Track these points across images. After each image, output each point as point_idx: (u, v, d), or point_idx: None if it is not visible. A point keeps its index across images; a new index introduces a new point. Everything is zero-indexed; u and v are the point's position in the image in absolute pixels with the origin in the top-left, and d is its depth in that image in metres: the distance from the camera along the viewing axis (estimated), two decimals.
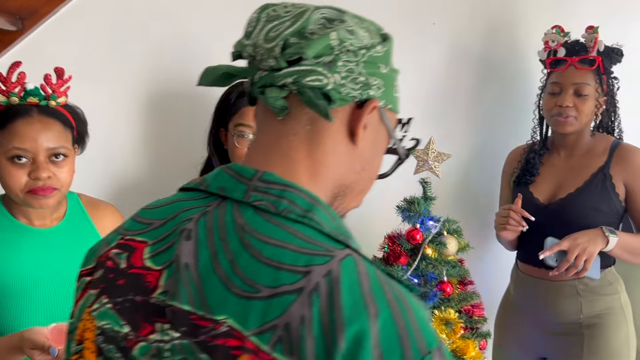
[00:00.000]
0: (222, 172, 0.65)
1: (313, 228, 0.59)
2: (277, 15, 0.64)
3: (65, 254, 1.27)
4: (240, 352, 0.53)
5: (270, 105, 0.63)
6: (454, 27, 2.03)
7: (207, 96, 1.76)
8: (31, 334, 1.05)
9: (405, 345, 0.52)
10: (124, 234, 0.67)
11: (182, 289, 0.58)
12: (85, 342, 0.64)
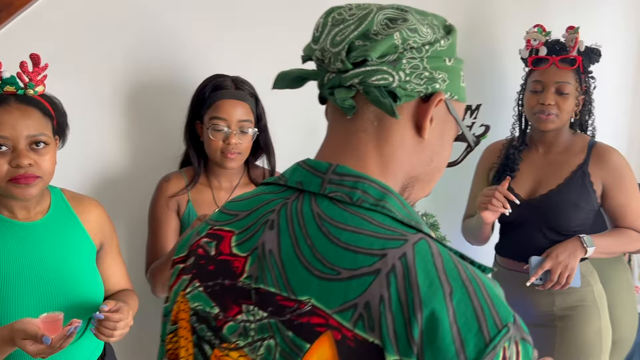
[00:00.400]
0: (298, 167, 0.69)
1: (386, 215, 0.63)
2: (342, 18, 0.67)
3: (51, 247, 1.25)
4: (324, 329, 0.58)
5: (339, 105, 0.66)
6: None
7: (185, 90, 1.74)
8: (22, 324, 1.04)
9: (482, 321, 0.55)
10: (212, 225, 0.72)
11: (267, 273, 0.63)
12: (179, 322, 0.71)
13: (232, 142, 1.51)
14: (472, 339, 0.55)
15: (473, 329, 0.55)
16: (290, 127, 1.81)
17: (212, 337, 0.66)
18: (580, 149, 1.76)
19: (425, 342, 0.55)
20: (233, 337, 0.64)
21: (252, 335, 0.63)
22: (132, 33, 1.66)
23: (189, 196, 1.59)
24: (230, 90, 1.54)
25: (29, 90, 1.20)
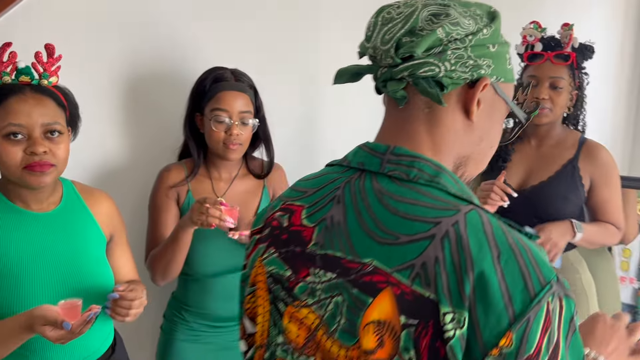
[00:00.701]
0: (359, 150, 0.78)
1: (440, 190, 0.70)
2: (390, 17, 0.74)
3: (64, 238, 1.25)
4: (385, 285, 0.66)
5: (391, 96, 0.74)
6: None
7: (183, 82, 1.75)
8: (41, 310, 1.05)
9: (527, 279, 0.62)
10: (285, 200, 0.83)
11: (334, 240, 0.73)
12: (257, 284, 0.81)
13: (234, 133, 1.53)
14: (519, 294, 0.61)
15: (519, 286, 0.62)
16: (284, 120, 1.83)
17: (285, 296, 0.76)
18: (572, 144, 1.81)
19: (477, 298, 0.62)
20: (303, 296, 0.74)
21: (318, 294, 0.72)
22: (130, 24, 1.66)
23: (189, 186, 1.61)
24: (230, 82, 1.55)
25: (44, 80, 1.20)
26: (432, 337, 0.63)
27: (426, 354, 0.63)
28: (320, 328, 0.72)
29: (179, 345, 1.62)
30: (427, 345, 0.63)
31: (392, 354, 0.65)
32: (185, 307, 1.64)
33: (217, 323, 1.63)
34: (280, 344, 0.77)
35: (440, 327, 0.62)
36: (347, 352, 0.69)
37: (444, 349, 0.62)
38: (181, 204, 1.61)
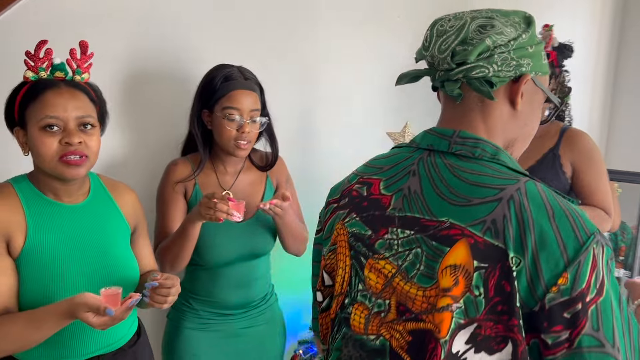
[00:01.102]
0: (427, 134, 0.95)
1: (501, 164, 0.87)
2: (444, 30, 0.90)
3: (94, 228, 1.29)
4: (460, 237, 0.82)
5: (449, 95, 0.90)
6: (416, 19, 2.18)
7: (185, 77, 1.80)
8: (83, 298, 1.09)
9: (576, 230, 0.79)
10: (361, 175, 1.00)
11: (412, 205, 0.89)
12: (338, 243, 0.97)
13: (245, 131, 1.58)
14: (571, 244, 0.79)
15: (571, 237, 0.79)
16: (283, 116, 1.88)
17: (366, 251, 0.92)
18: (554, 133, 1.90)
19: (539, 248, 0.79)
20: (382, 250, 0.90)
21: (395, 248, 0.89)
22: (132, 22, 1.70)
23: (195, 180, 1.65)
24: (240, 80, 1.59)
25: (77, 76, 1.25)
26: (499, 277, 0.79)
27: (493, 290, 0.80)
28: (397, 276, 0.88)
29: (187, 333, 1.67)
30: (494, 284, 0.80)
31: (465, 291, 0.81)
32: (193, 295, 1.68)
33: (226, 311, 1.68)
34: (361, 290, 0.92)
35: (508, 268, 0.79)
36: (424, 292, 0.84)
37: (509, 286, 0.79)
38: (189, 198, 1.65)
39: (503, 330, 0.81)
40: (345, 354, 0.95)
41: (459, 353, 0.82)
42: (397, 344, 0.88)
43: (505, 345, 0.81)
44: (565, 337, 0.78)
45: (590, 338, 0.78)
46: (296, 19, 1.99)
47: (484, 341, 0.82)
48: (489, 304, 0.80)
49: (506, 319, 0.80)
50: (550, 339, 0.79)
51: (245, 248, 1.65)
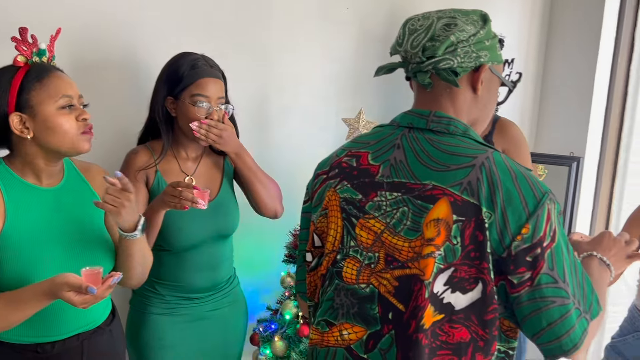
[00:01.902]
0: (406, 115, 1.10)
1: (471, 139, 1.04)
2: (414, 28, 1.05)
3: (72, 209, 1.31)
4: (442, 196, 0.98)
5: (421, 83, 1.06)
6: (363, 11, 2.28)
7: (140, 65, 1.81)
8: (65, 277, 1.11)
9: (534, 190, 0.97)
10: (349, 149, 1.13)
11: (399, 172, 1.03)
12: (330, 207, 1.10)
13: (214, 118, 1.60)
14: (531, 200, 0.96)
15: (530, 195, 0.96)
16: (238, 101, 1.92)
17: (357, 212, 1.06)
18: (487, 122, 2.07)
19: (506, 204, 0.95)
20: (372, 211, 1.04)
21: (384, 208, 1.03)
22: (84, 8, 1.68)
23: (157, 167, 1.66)
24: (207, 68, 1.61)
25: (54, 61, 1.28)
26: (473, 229, 0.95)
27: (468, 239, 0.96)
28: (385, 231, 1.02)
29: (153, 318, 1.68)
30: (470, 234, 0.96)
31: (445, 240, 0.96)
32: (158, 281, 1.69)
33: (193, 294, 1.71)
34: (352, 246, 1.06)
35: (481, 221, 0.95)
36: (410, 243, 0.99)
37: (482, 236, 0.95)
38: (150, 185, 1.66)
39: (475, 273, 0.96)
40: (337, 303, 1.07)
41: (439, 293, 0.97)
42: (384, 289, 1.01)
43: (477, 285, 0.97)
44: (528, 277, 0.95)
45: (547, 276, 0.95)
46: (250, 8, 2.02)
47: (459, 282, 0.97)
48: (464, 251, 0.96)
49: (478, 263, 0.96)
50: (516, 279, 0.96)
51: (211, 229, 1.68)
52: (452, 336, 0.99)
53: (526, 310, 0.96)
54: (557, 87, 2.84)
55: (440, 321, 0.98)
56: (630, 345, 1.81)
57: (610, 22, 2.67)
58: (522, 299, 0.96)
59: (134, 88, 1.77)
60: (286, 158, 2.18)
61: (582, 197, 2.74)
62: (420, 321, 0.97)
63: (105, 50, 1.76)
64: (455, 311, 0.98)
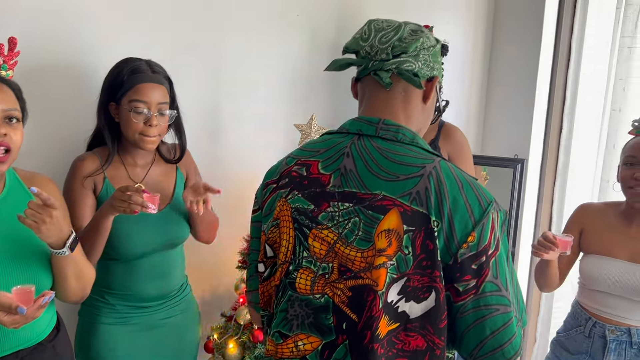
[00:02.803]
0: (355, 121, 1.09)
1: (419, 147, 1.05)
2: (381, 27, 1.07)
3: (11, 223, 1.25)
4: (392, 206, 0.98)
5: (381, 82, 1.06)
6: (313, 17, 2.31)
7: (90, 70, 1.77)
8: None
9: (480, 199, 0.99)
10: (298, 158, 1.12)
11: (349, 181, 1.03)
12: (281, 218, 1.08)
13: (153, 124, 1.58)
14: (476, 209, 0.98)
15: (476, 203, 0.98)
16: (190, 108, 1.91)
17: (309, 222, 1.04)
18: (433, 127, 2.13)
19: (453, 213, 0.97)
20: (324, 221, 1.03)
21: (337, 218, 1.02)
22: (33, 12, 1.64)
23: (104, 175, 1.63)
24: (147, 73, 1.59)
25: (2, 71, 1.23)
26: (423, 237, 0.96)
27: (419, 248, 0.96)
28: (338, 242, 1.01)
29: (104, 328, 1.65)
30: (420, 243, 0.96)
31: (397, 251, 0.97)
32: (108, 290, 1.66)
33: (144, 303, 1.69)
34: (305, 257, 1.04)
35: (430, 230, 0.96)
36: (362, 253, 0.99)
37: (432, 245, 0.96)
38: (98, 193, 1.63)
39: (428, 282, 0.97)
40: (291, 314, 1.06)
41: (393, 302, 0.98)
42: (339, 299, 1.01)
43: (430, 294, 0.98)
44: (473, 284, 0.97)
45: (492, 284, 0.98)
46: (202, 14, 2.02)
47: (412, 291, 0.98)
48: (416, 260, 0.97)
49: (430, 272, 0.97)
50: (461, 286, 0.98)
51: (161, 238, 1.67)
52: (408, 344, 1.00)
53: (470, 319, 0.98)
54: (501, 93, 2.95)
55: (396, 330, 0.99)
56: (573, 340, 1.88)
57: (549, 31, 2.79)
58: (467, 307, 0.98)
59: (84, 94, 1.73)
60: (239, 164, 2.18)
61: (527, 197, 2.85)
62: (375, 331, 0.97)
63: (54, 56, 1.72)
64: (410, 320, 0.99)
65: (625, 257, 1.75)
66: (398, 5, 2.57)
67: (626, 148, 1.78)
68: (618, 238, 1.79)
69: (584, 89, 2.77)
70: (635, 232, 1.78)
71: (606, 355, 1.77)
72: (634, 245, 1.76)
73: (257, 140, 2.21)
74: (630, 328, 1.75)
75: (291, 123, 2.16)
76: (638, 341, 1.74)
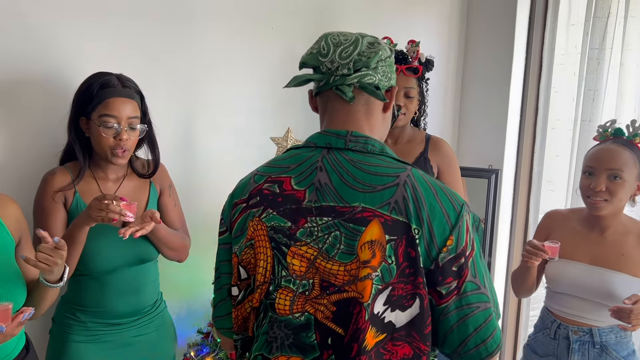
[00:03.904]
0: (322, 135, 1.09)
1: (389, 156, 1.06)
2: (338, 41, 1.06)
3: None
4: (373, 217, 0.98)
5: (345, 96, 1.06)
6: (288, 30, 2.32)
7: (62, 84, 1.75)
8: None
9: (453, 203, 1.02)
10: (268, 175, 1.09)
11: (326, 196, 1.02)
12: (256, 238, 1.06)
13: (123, 139, 1.57)
14: (452, 213, 1.01)
15: (451, 208, 1.01)
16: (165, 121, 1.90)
17: (287, 240, 1.02)
18: (420, 140, 2.14)
19: (431, 219, 0.99)
20: (303, 237, 1.02)
21: (316, 234, 1.01)
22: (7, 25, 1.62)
23: (76, 189, 1.62)
24: (117, 88, 1.58)
25: None
26: (405, 246, 0.98)
27: (401, 257, 0.97)
28: (319, 257, 1.00)
29: (75, 347, 1.62)
30: (402, 252, 0.97)
31: (381, 261, 0.97)
32: (80, 308, 1.64)
33: (116, 320, 1.66)
34: (284, 276, 1.03)
35: (411, 237, 0.97)
36: (345, 267, 0.98)
37: (414, 252, 0.97)
38: (69, 207, 1.61)
39: (411, 289, 0.99)
40: (271, 336, 1.04)
41: (379, 313, 0.98)
42: (322, 315, 1.00)
43: (414, 301, 0.99)
44: (455, 286, 1.00)
45: (472, 283, 1.01)
46: (176, 27, 2.01)
47: (397, 300, 0.99)
48: (399, 269, 0.98)
49: (413, 279, 0.98)
50: (444, 289, 1.00)
51: (131, 253, 1.65)
52: (396, 354, 1.00)
53: (453, 319, 1.00)
54: (474, 105, 2.99)
55: (383, 340, 0.99)
56: (540, 343, 1.92)
57: (521, 45, 2.85)
58: (450, 308, 1.00)
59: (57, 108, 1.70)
60: (214, 178, 2.16)
61: (502, 207, 2.88)
62: (362, 344, 0.98)
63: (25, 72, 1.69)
64: (396, 329, 1.00)
65: (586, 260, 1.81)
66: (373, 20, 2.60)
67: (586, 157, 1.84)
68: (580, 242, 1.85)
69: (555, 100, 2.82)
70: (595, 237, 1.83)
71: (570, 355, 1.82)
72: (594, 249, 1.82)
73: (233, 154, 2.20)
74: (592, 328, 1.80)
75: (267, 136, 2.15)
76: (600, 341, 1.79)
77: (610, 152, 1.76)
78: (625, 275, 1.74)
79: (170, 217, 1.79)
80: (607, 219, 1.80)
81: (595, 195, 1.75)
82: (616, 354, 1.77)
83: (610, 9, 2.56)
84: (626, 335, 1.79)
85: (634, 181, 1.75)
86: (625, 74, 2.54)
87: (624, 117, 2.55)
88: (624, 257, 1.76)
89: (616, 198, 1.74)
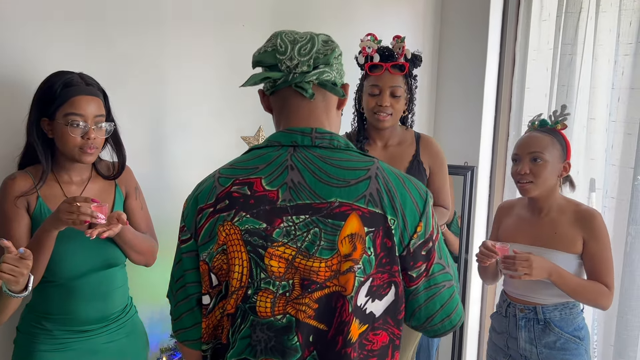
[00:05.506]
0: (286, 133, 1.08)
1: (354, 151, 1.09)
2: (295, 39, 1.07)
3: None
4: (351, 211, 1.00)
5: (305, 93, 1.07)
6: (260, 28, 2.28)
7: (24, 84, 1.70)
8: None
9: (419, 190, 1.07)
10: (235, 178, 1.06)
11: (301, 194, 1.02)
12: (229, 243, 1.03)
13: (91, 137, 1.53)
14: (419, 200, 1.06)
15: (417, 195, 1.06)
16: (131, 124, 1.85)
17: (263, 242, 1.01)
18: (410, 141, 2.08)
19: (403, 207, 1.03)
20: (279, 237, 1.01)
21: (294, 233, 1.01)
22: None
23: (38, 193, 1.57)
24: (81, 86, 1.54)
25: None
26: (382, 237, 1.01)
27: (379, 247, 1.01)
28: (298, 256, 1.00)
29: (41, 356, 1.57)
30: (380, 243, 1.01)
31: (362, 254, 1.00)
32: (46, 315, 1.59)
33: (84, 327, 1.61)
34: (263, 278, 1.02)
35: (388, 228, 1.01)
36: (326, 263, 1.00)
37: (390, 242, 1.01)
38: (32, 212, 1.56)
39: (388, 278, 1.03)
40: (254, 339, 1.03)
41: (362, 305, 1.02)
42: (304, 315, 1.01)
43: (390, 289, 1.03)
44: (424, 269, 1.06)
45: (438, 265, 1.07)
46: (144, 25, 1.96)
47: (376, 290, 1.02)
48: (377, 259, 1.01)
49: (389, 268, 1.02)
50: (415, 272, 1.05)
51: (98, 258, 1.60)
52: (376, 343, 1.04)
53: (422, 298, 1.06)
54: (449, 102, 2.99)
55: (365, 331, 1.03)
56: (497, 320, 2.06)
57: (494, 42, 2.86)
58: (419, 289, 1.06)
59: (13, 111, 1.65)
60: (184, 178, 2.11)
61: (478, 203, 2.88)
62: (347, 336, 1.00)
63: None
64: (376, 318, 1.03)
65: (526, 242, 1.92)
66: (346, 17, 2.58)
67: (515, 146, 1.95)
68: (522, 225, 1.97)
69: (529, 96, 2.83)
70: (534, 219, 1.94)
71: (518, 331, 1.93)
72: (532, 230, 1.93)
73: (203, 154, 2.16)
74: (536, 306, 1.90)
75: (238, 135, 2.11)
76: (544, 318, 1.89)
77: (531, 139, 1.89)
78: (559, 253, 1.85)
79: (137, 221, 1.74)
80: (541, 201, 1.91)
81: (521, 178, 1.87)
82: (559, 330, 1.87)
83: (582, 4, 2.57)
84: (572, 312, 1.88)
85: (557, 162, 1.87)
86: (598, 68, 2.56)
87: (596, 112, 2.57)
88: (557, 234, 1.87)
89: (540, 179, 1.85)
